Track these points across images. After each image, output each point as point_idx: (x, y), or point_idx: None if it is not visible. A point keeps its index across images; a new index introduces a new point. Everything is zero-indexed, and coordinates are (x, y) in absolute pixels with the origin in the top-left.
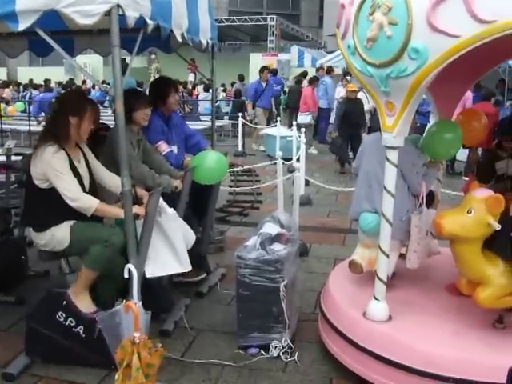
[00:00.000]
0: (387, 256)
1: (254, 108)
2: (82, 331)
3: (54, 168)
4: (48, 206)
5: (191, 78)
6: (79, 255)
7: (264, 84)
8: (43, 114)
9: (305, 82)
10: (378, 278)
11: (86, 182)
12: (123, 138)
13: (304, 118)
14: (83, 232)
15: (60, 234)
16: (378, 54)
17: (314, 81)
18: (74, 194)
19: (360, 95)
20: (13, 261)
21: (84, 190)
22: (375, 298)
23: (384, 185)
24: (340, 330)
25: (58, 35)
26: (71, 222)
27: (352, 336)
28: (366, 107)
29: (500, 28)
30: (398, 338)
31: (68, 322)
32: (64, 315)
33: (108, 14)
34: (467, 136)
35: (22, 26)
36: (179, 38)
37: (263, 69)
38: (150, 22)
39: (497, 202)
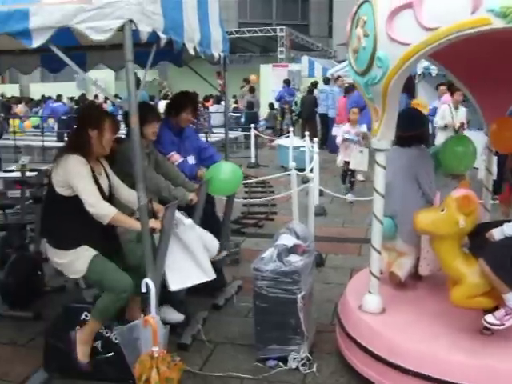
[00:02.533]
0: (379, 253)
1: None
2: (99, 346)
3: (76, 172)
4: (68, 217)
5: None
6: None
7: None
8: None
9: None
10: (371, 272)
11: (106, 195)
12: (138, 153)
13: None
14: (100, 273)
15: (78, 265)
16: (360, 64)
17: (349, 91)
18: (94, 200)
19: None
20: (29, 276)
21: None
22: (369, 292)
23: (374, 186)
24: (357, 340)
25: (71, 51)
26: (91, 254)
27: (346, 327)
28: (441, 123)
29: (442, 34)
30: (381, 330)
31: None
32: None
33: (121, 29)
34: (501, 144)
35: (36, 42)
36: (192, 52)
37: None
38: (162, 36)
39: (466, 201)
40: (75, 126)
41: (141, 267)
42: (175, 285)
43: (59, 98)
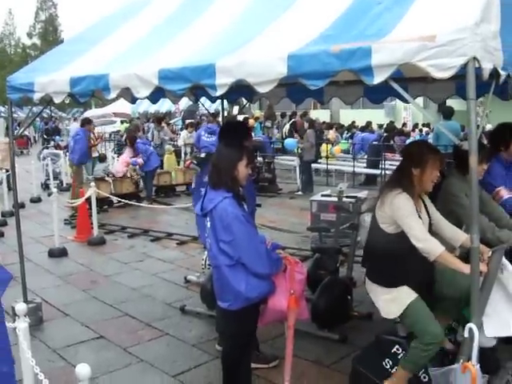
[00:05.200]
0: None
1: None
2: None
3: (401, 208)
4: (390, 254)
5: None
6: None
7: None
8: (363, 153)
9: None
10: None
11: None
12: (476, 195)
13: None
14: (414, 318)
15: (393, 308)
16: None
17: None
18: (421, 235)
19: None
20: (339, 300)
21: None
22: None
23: None
24: None
25: (396, 82)
26: (410, 298)
27: None
28: None
29: None
30: None
31: (394, 370)
32: (391, 363)
33: (464, 66)
34: None
35: (377, 79)
36: None
37: None
38: (502, 72)
39: None
40: (401, 162)
41: (459, 300)
42: (491, 331)
43: (368, 125)
